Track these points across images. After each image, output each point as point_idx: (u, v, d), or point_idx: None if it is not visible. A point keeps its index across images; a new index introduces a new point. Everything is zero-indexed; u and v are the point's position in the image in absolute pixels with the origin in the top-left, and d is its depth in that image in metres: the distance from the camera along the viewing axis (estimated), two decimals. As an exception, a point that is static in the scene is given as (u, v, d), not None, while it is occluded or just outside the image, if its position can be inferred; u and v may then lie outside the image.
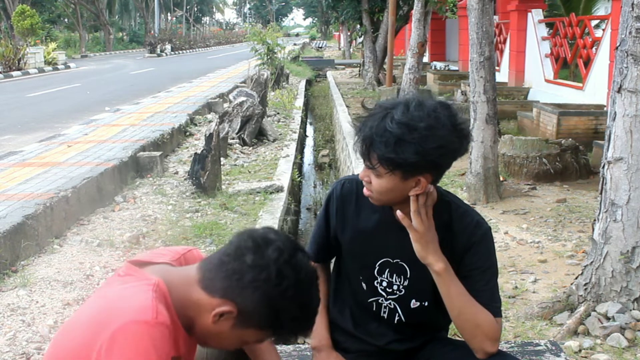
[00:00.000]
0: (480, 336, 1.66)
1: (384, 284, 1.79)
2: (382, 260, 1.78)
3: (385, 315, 1.82)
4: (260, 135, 9.59)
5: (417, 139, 1.52)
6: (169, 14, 64.82)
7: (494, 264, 1.75)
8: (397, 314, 1.82)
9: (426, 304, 1.80)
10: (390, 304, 1.81)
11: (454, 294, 1.66)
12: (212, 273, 1.36)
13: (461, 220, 1.71)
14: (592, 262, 3.34)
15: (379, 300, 1.82)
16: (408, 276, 1.77)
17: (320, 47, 55.43)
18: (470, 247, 1.70)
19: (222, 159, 7.07)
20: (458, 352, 1.81)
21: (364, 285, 1.82)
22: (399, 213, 1.64)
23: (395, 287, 1.79)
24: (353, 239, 1.80)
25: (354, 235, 1.80)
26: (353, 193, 1.80)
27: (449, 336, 1.98)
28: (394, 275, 1.78)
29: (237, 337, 1.39)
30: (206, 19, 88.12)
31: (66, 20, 46.21)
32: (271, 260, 1.33)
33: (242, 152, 8.71)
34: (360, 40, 22.38)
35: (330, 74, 24.94)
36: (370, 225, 1.77)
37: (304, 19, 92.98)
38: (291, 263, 1.35)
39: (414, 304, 1.80)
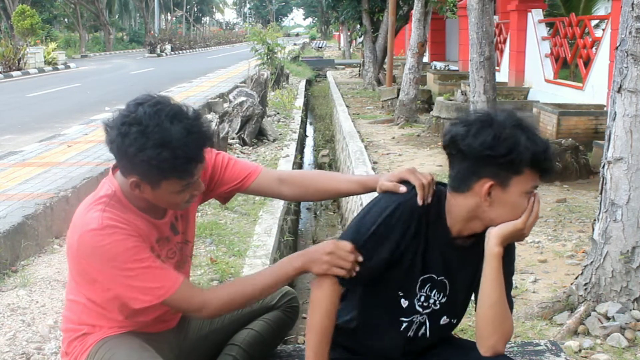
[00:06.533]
0: (500, 334, 1.68)
1: (422, 298, 1.76)
2: (425, 276, 1.74)
3: (412, 334, 1.78)
4: (260, 135, 9.59)
5: None
6: (169, 14, 64.82)
7: (514, 270, 1.81)
8: (424, 328, 1.79)
9: (454, 321, 1.82)
10: (422, 318, 1.77)
11: (498, 282, 1.66)
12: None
13: None
14: (592, 262, 3.34)
15: (413, 319, 1.77)
16: (447, 293, 1.76)
17: (320, 47, 55.41)
18: (504, 250, 1.69)
19: (222, 159, 7.06)
20: (459, 351, 1.83)
21: (403, 302, 1.76)
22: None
23: (431, 301, 1.76)
24: (407, 256, 1.71)
25: (410, 253, 1.72)
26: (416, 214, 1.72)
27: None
28: (434, 290, 1.76)
29: (165, 193, 1.71)
30: (206, 19, 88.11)
31: (66, 20, 46.19)
32: (114, 130, 1.65)
33: (242, 152, 8.71)
34: (360, 40, 22.38)
35: (330, 74, 24.95)
36: (426, 242, 1.72)
37: (304, 19, 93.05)
38: (128, 121, 1.63)
39: (444, 320, 1.79)
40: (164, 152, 1.60)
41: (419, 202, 1.69)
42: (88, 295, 1.81)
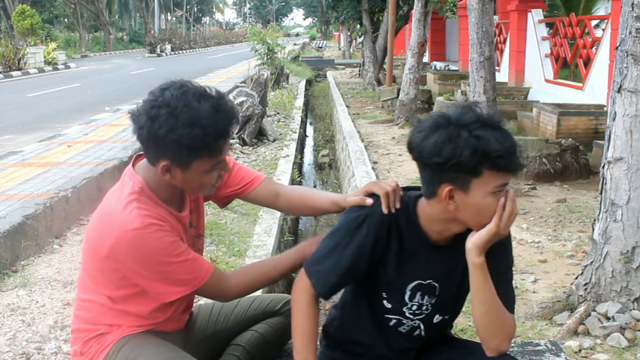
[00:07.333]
0: (502, 335, 1.66)
1: (414, 307, 1.74)
2: (414, 284, 1.72)
3: (404, 331, 1.78)
4: (260, 135, 9.59)
5: None
6: (169, 14, 64.83)
7: (512, 261, 1.78)
8: (418, 330, 1.78)
9: (447, 316, 1.81)
10: (415, 322, 1.77)
11: (487, 290, 1.64)
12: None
13: None
14: (592, 262, 3.34)
15: (402, 321, 1.77)
16: (437, 294, 1.75)
17: (320, 47, 55.42)
18: (496, 246, 1.66)
19: (222, 159, 7.06)
20: (462, 351, 1.83)
21: (386, 303, 1.75)
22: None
23: (424, 308, 1.75)
24: (383, 264, 1.71)
25: (386, 261, 1.71)
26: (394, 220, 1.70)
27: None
28: (425, 296, 1.74)
29: (195, 175, 1.73)
30: (206, 19, 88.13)
31: (66, 20, 46.19)
32: (142, 116, 1.66)
33: (242, 152, 8.71)
34: (360, 40, 22.39)
35: (330, 74, 24.96)
36: (401, 249, 1.71)
37: (304, 19, 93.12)
38: (157, 105, 1.65)
39: (437, 318, 1.78)
40: (194, 130, 1.63)
41: (384, 210, 1.67)
42: (109, 294, 1.80)
